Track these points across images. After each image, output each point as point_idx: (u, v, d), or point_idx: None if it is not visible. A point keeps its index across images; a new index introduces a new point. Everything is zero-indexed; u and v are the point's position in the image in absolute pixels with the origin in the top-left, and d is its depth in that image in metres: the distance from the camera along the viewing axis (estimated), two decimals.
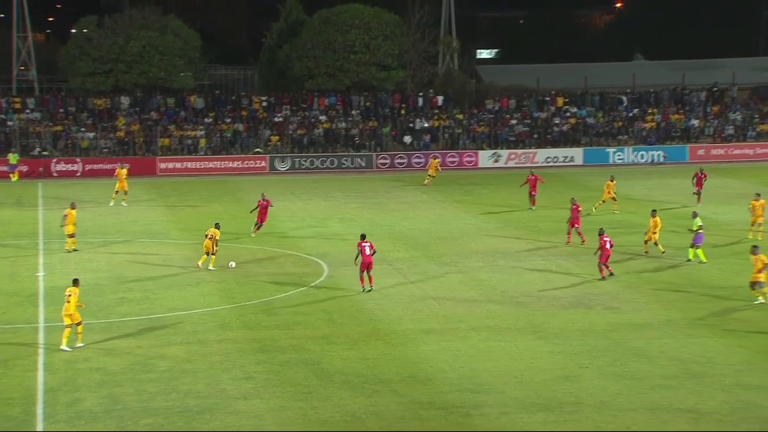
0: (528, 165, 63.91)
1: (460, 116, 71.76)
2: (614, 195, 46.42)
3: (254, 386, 22.97)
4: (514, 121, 71.71)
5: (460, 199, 51.80)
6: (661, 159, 67.19)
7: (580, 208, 39.48)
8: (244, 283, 33.09)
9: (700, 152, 68.04)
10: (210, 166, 64.71)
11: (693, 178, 48.45)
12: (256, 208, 41.54)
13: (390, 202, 51.08)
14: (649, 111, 73.83)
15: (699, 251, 35.57)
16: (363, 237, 32.19)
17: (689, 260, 35.54)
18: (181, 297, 31.39)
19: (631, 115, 73.56)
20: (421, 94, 73.81)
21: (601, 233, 33.43)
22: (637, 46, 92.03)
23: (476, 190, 55.30)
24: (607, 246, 33.06)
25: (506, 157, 67.00)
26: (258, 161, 65.13)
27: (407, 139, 69.77)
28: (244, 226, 42.12)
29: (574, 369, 24.03)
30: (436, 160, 60.38)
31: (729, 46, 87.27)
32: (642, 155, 67.63)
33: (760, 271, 29.48)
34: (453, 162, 66.04)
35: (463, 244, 39.67)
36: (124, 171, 51.08)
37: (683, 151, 68.22)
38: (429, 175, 58.35)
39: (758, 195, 40.83)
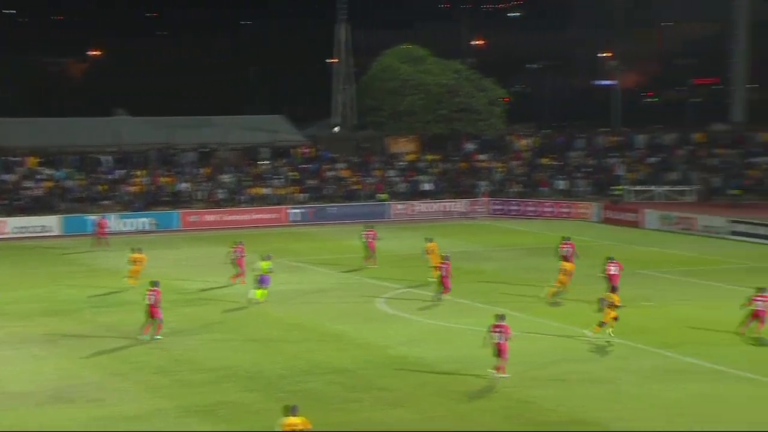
0: None
1: None
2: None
3: None
4: None
5: None
6: (150, 227, 67.02)
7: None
8: None
9: (193, 218, 68.81)
10: None
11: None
12: None
13: None
14: (136, 173, 73.68)
15: (262, 292, 39.77)
16: None
17: (257, 300, 39.65)
18: None
19: (115, 177, 72.91)
20: None
21: None
22: (118, 101, 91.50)
23: None
24: None
25: None
26: None
27: None
28: None
29: None
30: None
31: (219, 104, 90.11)
32: (129, 222, 66.98)
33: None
34: None
35: None
36: None
37: (173, 218, 68.50)
38: None
39: (430, 239, 45.77)
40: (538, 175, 79.66)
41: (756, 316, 33.98)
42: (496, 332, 29.80)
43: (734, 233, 58.02)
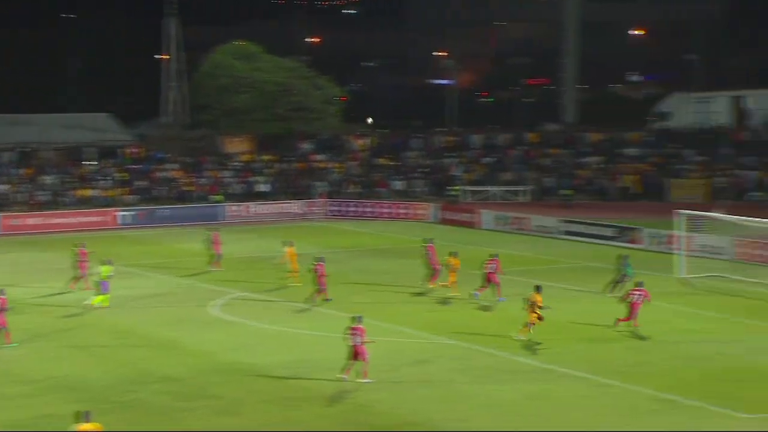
0: None
1: None
2: None
3: None
4: None
5: None
6: None
7: None
8: None
9: (15, 222, 66.84)
10: None
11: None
12: None
13: None
14: None
15: (103, 297, 39.79)
16: None
17: (97, 305, 39.39)
18: None
19: None
20: None
21: None
22: None
23: None
24: None
25: None
26: None
27: None
28: None
29: None
30: None
31: (38, 101, 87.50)
32: None
33: None
34: None
35: None
36: None
37: None
38: None
39: (291, 242, 45.35)
40: (376, 176, 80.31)
41: (632, 308, 35.23)
42: (351, 335, 29.93)
43: (566, 233, 59.64)
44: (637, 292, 35.60)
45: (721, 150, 79.20)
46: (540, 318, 34.51)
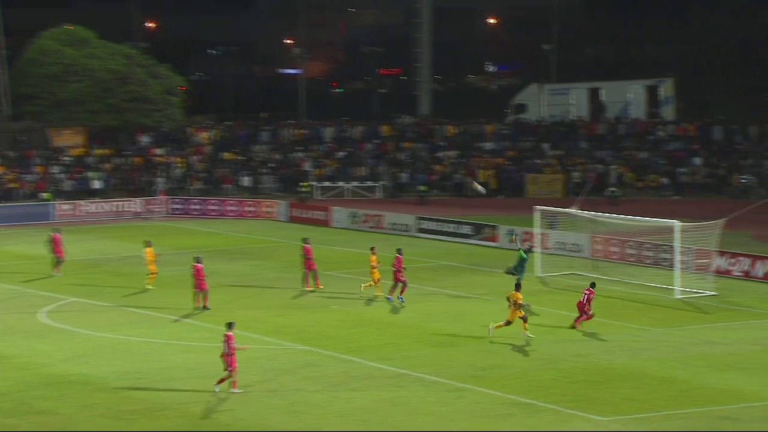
0: None
1: None
2: None
3: None
4: None
5: None
6: None
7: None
8: None
9: None
10: None
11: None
12: None
13: None
14: None
15: None
16: None
17: None
18: None
19: None
20: None
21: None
22: None
23: None
24: None
25: None
26: None
27: None
28: None
29: None
30: None
31: None
32: None
33: None
34: None
35: None
36: None
37: None
38: None
39: (150, 242, 45.19)
40: (221, 171, 79.72)
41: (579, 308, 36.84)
42: (223, 343, 29.74)
43: (421, 230, 60.26)
44: (586, 292, 37.05)
45: (577, 144, 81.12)
46: (524, 318, 35.31)
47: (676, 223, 43.98)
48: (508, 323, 35.35)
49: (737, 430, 27.11)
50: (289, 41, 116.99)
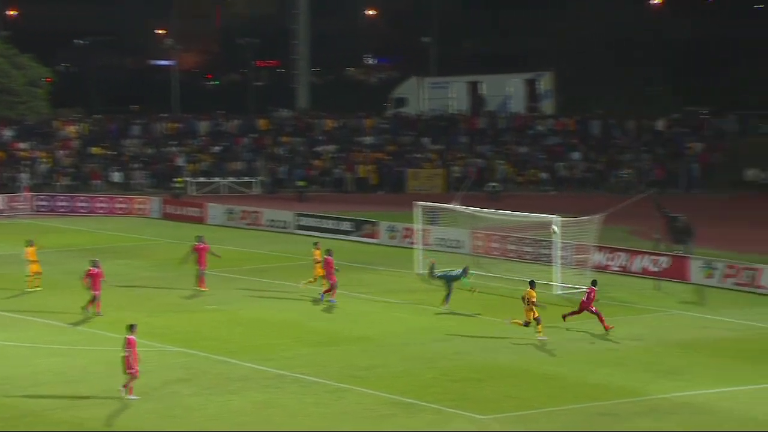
0: None
1: None
2: None
3: None
4: None
5: None
6: None
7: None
8: None
9: None
10: None
11: None
12: None
13: None
14: None
15: None
16: None
17: None
18: None
19: None
20: None
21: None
22: None
23: None
24: None
25: None
26: None
27: None
28: None
29: None
30: None
31: None
32: None
33: None
34: None
35: None
36: None
37: None
38: None
39: (31, 242, 44.81)
40: (89, 167, 78.74)
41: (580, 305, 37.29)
42: (124, 345, 29.47)
43: (300, 227, 60.33)
44: (587, 291, 37.62)
45: (457, 138, 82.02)
46: (537, 319, 35.51)
47: (555, 218, 44.74)
48: (527, 324, 35.84)
49: (615, 425, 27.81)
50: (161, 31, 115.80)
